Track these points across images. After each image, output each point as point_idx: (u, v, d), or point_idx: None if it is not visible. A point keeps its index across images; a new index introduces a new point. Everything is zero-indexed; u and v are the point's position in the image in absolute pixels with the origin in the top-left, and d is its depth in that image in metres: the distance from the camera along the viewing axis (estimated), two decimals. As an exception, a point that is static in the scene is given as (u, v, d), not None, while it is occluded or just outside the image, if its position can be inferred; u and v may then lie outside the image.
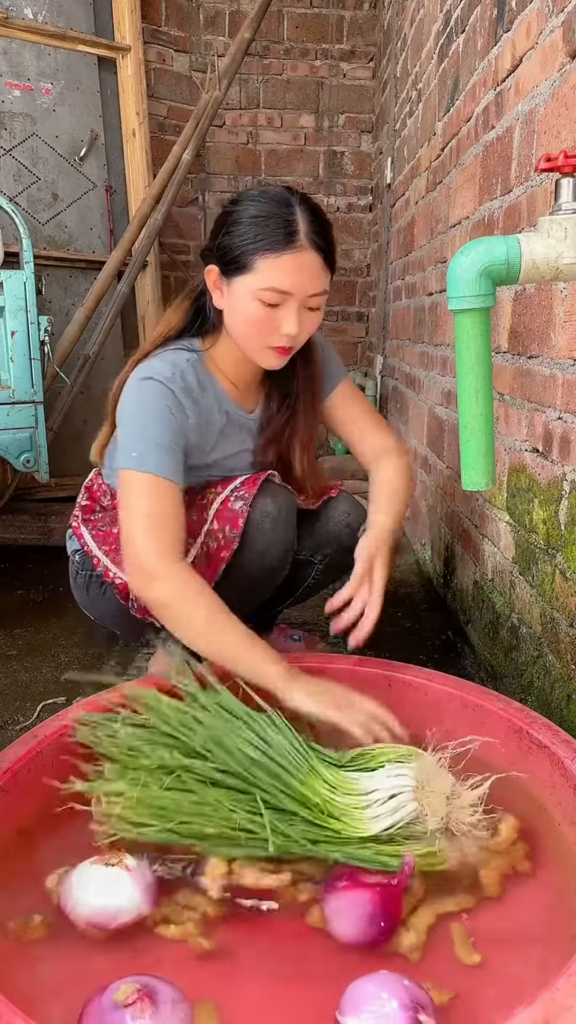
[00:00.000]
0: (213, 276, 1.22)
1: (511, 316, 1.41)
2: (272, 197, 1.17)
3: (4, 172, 2.95)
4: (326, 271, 1.19)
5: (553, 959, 0.72)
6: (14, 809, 0.96)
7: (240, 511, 1.31)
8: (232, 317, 1.23)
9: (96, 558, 1.43)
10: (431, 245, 2.26)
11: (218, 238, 1.20)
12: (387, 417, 3.35)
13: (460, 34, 1.81)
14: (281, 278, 1.15)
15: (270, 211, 1.15)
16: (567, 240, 0.86)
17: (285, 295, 1.16)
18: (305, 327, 1.21)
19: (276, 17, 3.69)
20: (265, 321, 1.18)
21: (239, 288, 1.18)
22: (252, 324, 1.20)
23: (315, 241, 1.16)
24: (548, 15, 1.18)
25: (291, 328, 1.18)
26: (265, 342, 1.22)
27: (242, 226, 1.16)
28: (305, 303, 1.18)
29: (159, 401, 1.22)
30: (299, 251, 1.14)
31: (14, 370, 2.18)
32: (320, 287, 1.19)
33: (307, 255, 1.15)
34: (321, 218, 1.19)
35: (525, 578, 1.35)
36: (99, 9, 3.10)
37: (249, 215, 1.16)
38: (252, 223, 1.16)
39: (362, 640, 1.22)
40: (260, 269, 1.15)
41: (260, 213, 1.16)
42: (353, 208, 3.98)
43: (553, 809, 0.98)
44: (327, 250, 1.18)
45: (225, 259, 1.19)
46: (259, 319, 1.19)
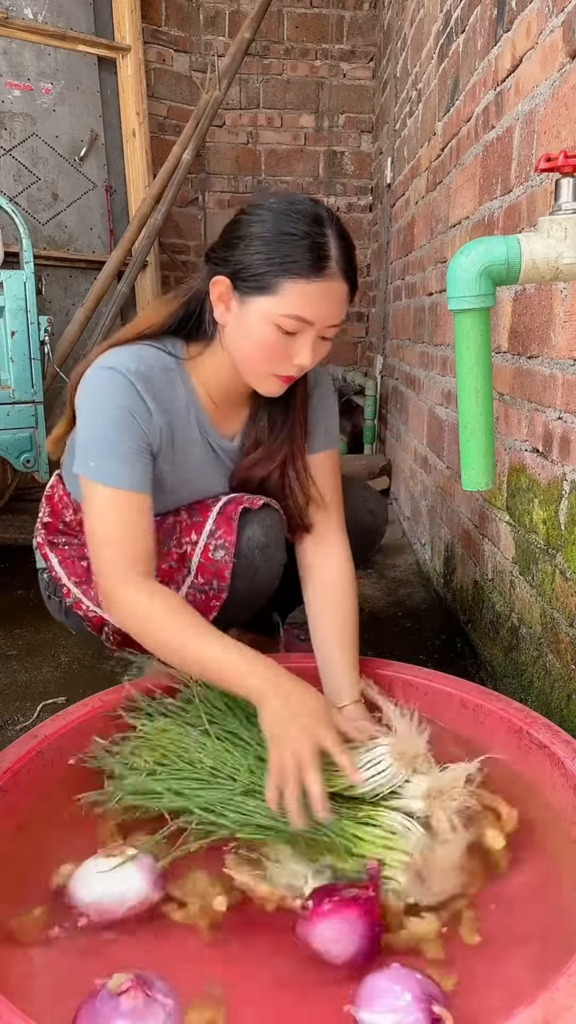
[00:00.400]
0: (220, 288, 1.09)
1: (511, 316, 1.41)
2: (303, 213, 1.04)
3: (4, 172, 2.95)
4: (348, 301, 1.10)
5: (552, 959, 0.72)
6: (14, 809, 0.96)
7: (224, 562, 1.23)
8: (237, 337, 1.11)
9: (66, 587, 1.36)
10: (431, 245, 2.26)
11: (235, 249, 1.07)
12: (387, 417, 3.36)
13: (460, 34, 1.81)
14: (306, 306, 1.04)
15: (301, 230, 1.03)
16: (567, 240, 0.86)
17: (306, 324, 1.05)
18: (316, 357, 1.11)
19: (276, 17, 3.69)
20: (278, 348, 1.08)
21: (254, 309, 1.06)
22: (262, 349, 1.09)
23: (345, 269, 1.06)
24: (548, 15, 1.18)
25: (304, 360, 1.08)
26: (271, 369, 1.11)
27: (267, 242, 1.04)
28: (322, 332, 1.08)
29: (119, 399, 1.10)
30: (329, 279, 1.04)
31: (14, 370, 2.18)
32: (341, 318, 1.09)
33: (336, 284, 1.05)
34: (349, 241, 1.08)
35: (525, 578, 1.35)
36: (99, 9, 3.11)
37: (276, 230, 1.04)
38: (279, 240, 1.03)
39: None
40: (284, 293, 1.03)
41: (290, 231, 1.03)
42: (353, 208, 3.98)
43: (553, 809, 0.98)
44: (354, 279, 1.08)
45: (242, 275, 1.06)
46: (272, 345, 1.07)
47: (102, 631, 1.37)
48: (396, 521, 2.88)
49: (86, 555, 1.30)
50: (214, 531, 1.24)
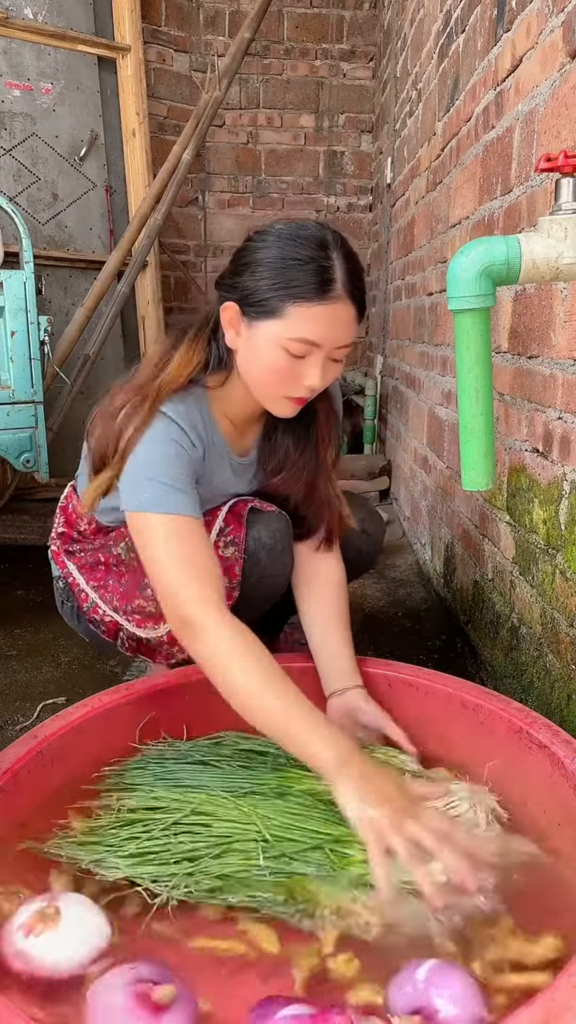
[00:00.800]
0: (230, 314, 1.11)
1: (511, 316, 1.41)
2: (308, 238, 1.06)
3: (4, 172, 2.95)
4: (356, 323, 1.09)
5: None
6: (14, 808, 0.96)
7: (234, 558, 1.25)
8: (249, 361, 1.12)
9: (84, 593, 1.36)
10: (431, 245, 2.26)
11: (242, 276, 1.09)
12: (387, 417, 3.36)
13: (460, 34, 1.81)
14: (313, 329, 1.05)
15: (306, 255, 1.04)
16: (567, 240, 0.86)
17: (314, 347, 1.06)
18: (327, 378, 1.12)
19: (276, 17, 3.69)
20: (287, 371, 1.09)
21: (262, 333, 1.08)
22: (272, 373, 1.10)
23: (352, 292, 1.06)
24: (548, 15, 1.18)
25: (314, 382, 1.09)
26: (282, 392, 1.12)
27: (272, 268, 1.05)
28: (331, 354, 1.09)
29: (176, 439, 1.12)
30: (334, 302, 1.04)
31: (14, 370, 2.18)
32: (350, 339, 1.10)
33: (342, 306, 1.05)
34: (358, 265, 1.09)
35: (525, 578, 1.35)
36: (99, 9, 3.11)
37: (282, 256, 1.05)
38: (285, 266, 1.04)
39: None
40: (290, 317, 1.05)
41: (295, 256, 1.04)
42: (353, 208, 3.98)
43: (553, 809, 0.98)
44: (362, 301, 1.09)
45: (249, 300, 1.08)
46: (281, 369, 1.09)
47: (117, 636, 1.37)
48: (396, 521, 2.88)
49: (102, 560, 1.33)
50: (223, 528, 1.26)
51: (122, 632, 1.35)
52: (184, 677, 1.24)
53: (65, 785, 1.04)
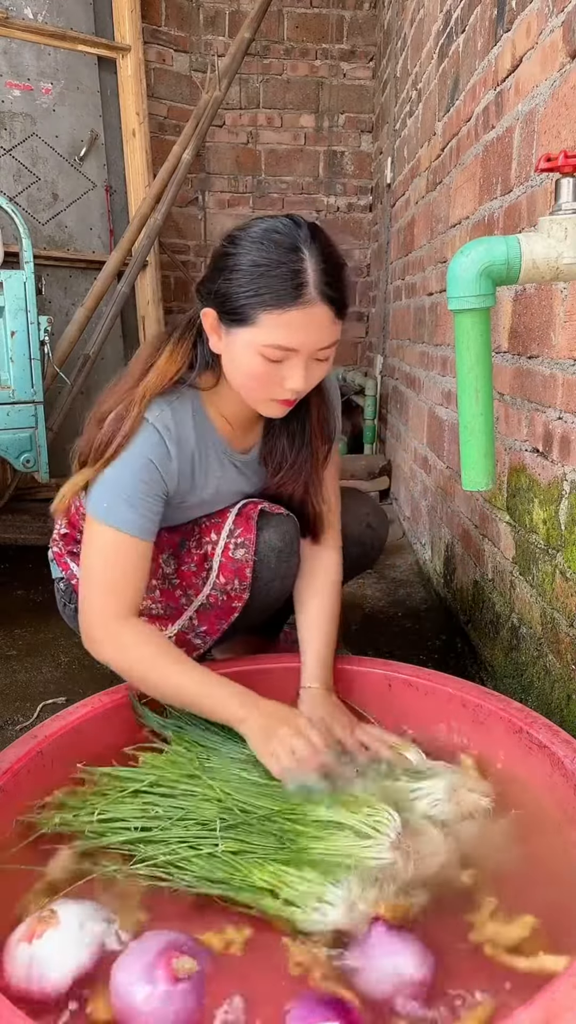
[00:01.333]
0: (210, 320, 1.10)
1: (511, 316, 1.41)
2: (277, 242, 1.03)
3: (4, 172, 2.95)
4: (337, 322, 1.07)
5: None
6: (14, 808, 0.96)
7: (245, 560, 1.26)
8: (231, 366, 1.12)
9: None
10: (431, 245, 2.26)
11: (215, 282, 1.07)
12: (387, 417, 3.36)
13: (460, 34, 1.81)
14: (287, 335, 1.03)
15: (275, 259, 1.02)
16: (567, 240, 0.86)
17: (290, 352, 1.05)
18: (312, 379, 1.10)
19: (276, 17, 3.69)
20: (267, 376, 1.08)
21: (238, 340, 1.07)
22: (252, 378, 1.09)
23: (326, 293, 1.03)
24: (548, 15, 1.18)
25: (297, 384, 1.08)
26: (268, 395, 1.11)
27: (243, 274, 1.03)
28: (313, 355, 1.07)
29: (149, 452, 1.13)
30: (307, 305, 1.02)
31: (14, 370, 2.18)
32: (330, 340, 1.07)
33: (316, 309, 1.03)
34: (334, 261, 1.06)
35: (525, 578, 1.35)
36: (99, 9, 3.11)
37: (251, 262, 1.03)
38: (255, 272, 1.02)
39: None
40: (262, 324, 1.03)
41: (264, 261, 1.02)
42: (353, 208, 3.98)
43: (553, 809, 0.98)
44: (339, 300, 1.06)
45: (224, 307, 1.07)
46: (261, 374, 1.08)
47: None
48: (396, 521, 2.88)
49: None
50: (233, 530, 1.27)
51: None
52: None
53: (65, 785, 1.04)
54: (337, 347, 1.11)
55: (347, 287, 1.08)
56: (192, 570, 1.30)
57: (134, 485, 1.13)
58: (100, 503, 1.13)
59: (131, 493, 1.12)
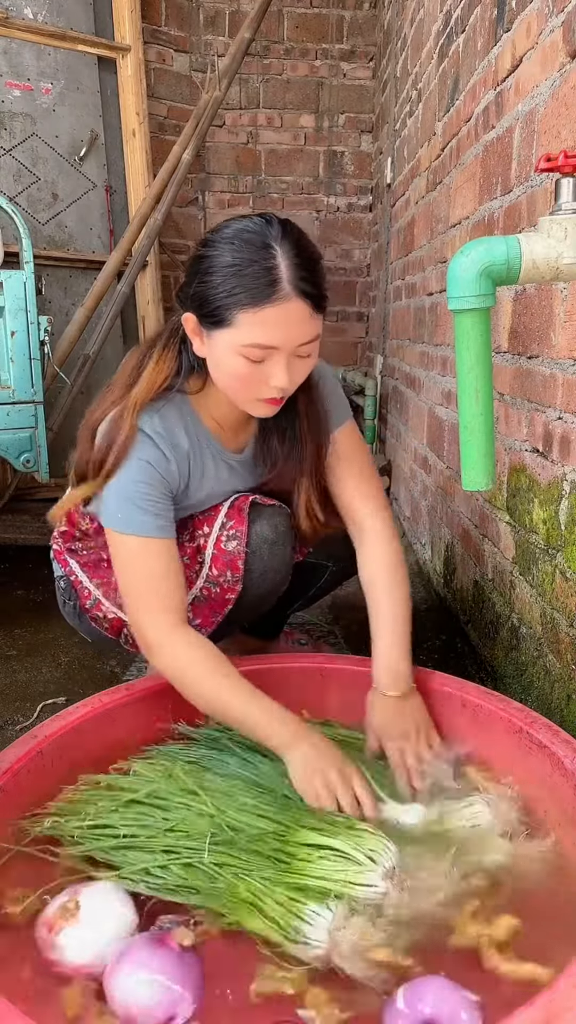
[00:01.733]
0: (191, 324, 1.11)
1: (511, 316, 1.41)
2: (248, 240, 1.03)
3: (4, 172, 2.95)
4: (316, 316, 1.06)
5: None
6: (14, 808, 0.96)
7: (237, 552, 1.26)
8: (215, 370, 1.12)
9: (87, 590, 1.38)
10: (431, 245, 2.26)
11: (192, 286, 1.08)
12: (387, 417, 3.36)
13: (460, 34, 1.81)
14: (264, 333, 1.03)
15: (247, 258, 1.02)
16: (567, 240, 0.86)
17: (270, 350, 1.05)
18: (296, 375, 1.10)
19: (276, 17, 3.69)
20: (251, 376, 1.08)
21: (219, 342, 1.07)
22: (236, 379, 1.09)
23: (300, 287, 1.02)
24: (548, 15, 1.18)
25: (280, 382, 1.07)
26: (253, 395, 1.11)
27: (217, 276, 1.04)
28: (295, 352, 1.07)
29: (147, 456, 1.15)
30: (282, 302, 1.02)
31: (14, 370, 2.18)
32: (310, 335, 1.07)
33: (292, 305, 1.02)
34: (308, 256, 1.06)
35: (525, 578, 1.35)
36: (99, 9, 3.11)
37: (224, 263, 1.04)
38: (228, 273, 1.03)
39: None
40: (239, 324, 1.03)
41: (236, 262, 1.03)
42: (353, 208, 3.98)
43: (553, 809, 0.98)
44: (316, 294, 1.05)
45: (202, 311, 1.07)
46: (243, 375, 1.08)
47: (120, 634, 1.38)
48: (396, 521, 2.88)
49: (104, 557, 1.33)
50: (225, 523, 1.27)
51: (126, 629, 1.36)
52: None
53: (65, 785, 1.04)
54: (320, 342, 1.10)
55: (323, 281, 1.07)
56: (185, 563, 1.30)
57: (141, 490, 1.14)
58: (115, 515, 1.15)
59: (140, 498, 1.14)
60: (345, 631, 1.94)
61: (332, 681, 1.28)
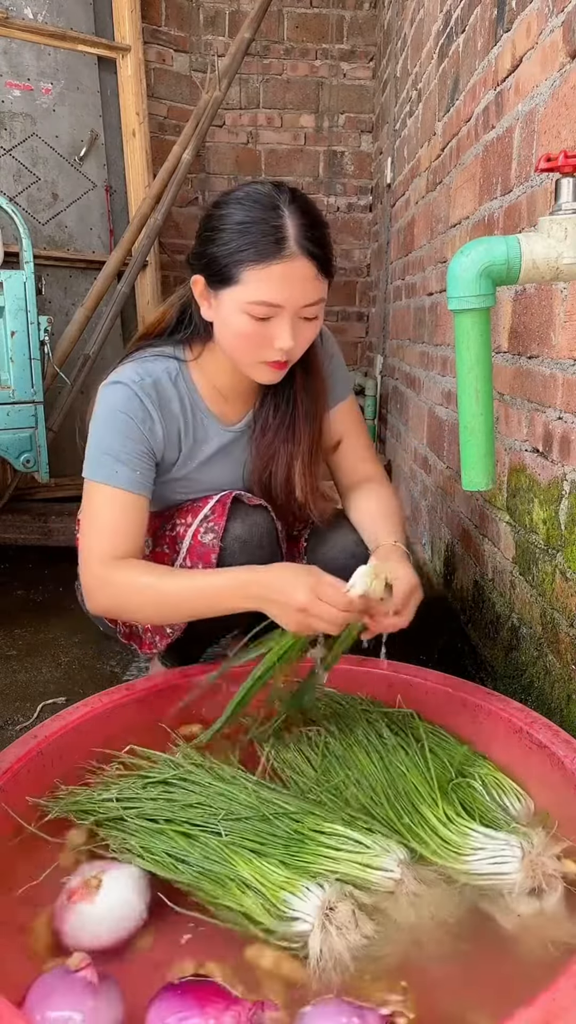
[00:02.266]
0: (199, 287, 1.14)
1: (511, 316, 1.41)
2: (257, 200, 1.07)
3: (4, 172, 2.95)
4: (321, 278, 1.09)
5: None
6: (14, 808, 0.96)
7: (212, 545, 1.25)
8: (221, 331, 1.15)
9: None
10: (431, 245, 2.25)
11: (202, 247, 1.12)
12: (387, 417, 3.36)
13: (460, 34, 1.81)
14: (270, 290, 1.05)
15: (255, 216, 1.05)
16: (567, 240, 0.86)
17: (276, 308, 1.07)
18: (301, 339, 1.12)
19: (276, 17, 3.69)
20: (256, 335, 1.10)
21: (226, 301, 1.10)
22: (243, 339, 1.11)
23: (306, 247, 1.05)
24: (548, 15, 1.18)
25: (285, 342, 1.09)
26: (258, 357, 1.13)
27: (225, 233, 1.07)
28: (300, 313, 1.09)
29: (121, 407, 1.17)
30: (289, 260, 1.04)
31: (14, 370, 2.18)
32: (315, 296, 1.09)
33: (298, 263, 1.05)
34: (314, 219, 1.08)
35: (525, 578, 1.35)
36: (99, 9, 3.10)
37: (233, 221, 1.06)
38: (236, 230, 1.06)
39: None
40: (246, 281, 1.06)
41: (245, 219, 1.05)
42: (353, 208, 3.98)
43: (553, 809, 0.98)
44: (321, 255, 1.08)
45: (209, 270, 1.10)
46: (250, 334, 1.10)
47: (116, 622, 1.39)
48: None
49: None
50: (208, 515, 1.27)
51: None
52: (183, 677, 1.24)
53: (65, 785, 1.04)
54: (324, 306, 1.13)
55: (329, 245, 1.10)
56: (165, 551, 1.30)
57: (113, 439, 1.17)
58: (88, 463, 1.18)
59: (112, 447, 1.16)
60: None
61: (332, 681, 1.28)
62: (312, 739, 1.12)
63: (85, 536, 1.18)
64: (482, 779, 1.00)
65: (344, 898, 0.81)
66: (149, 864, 0.88)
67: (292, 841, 0.89)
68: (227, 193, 1.12)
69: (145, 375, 1.19)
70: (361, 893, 0.83)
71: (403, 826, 0.93)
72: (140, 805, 0.96)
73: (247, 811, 0.94)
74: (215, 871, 0.86)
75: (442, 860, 0.88)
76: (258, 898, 0.82)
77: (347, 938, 0.77)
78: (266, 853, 0.87)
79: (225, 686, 1.18)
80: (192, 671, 1.26)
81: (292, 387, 1.27)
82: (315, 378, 1.29)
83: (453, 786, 0.99)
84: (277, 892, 0.82)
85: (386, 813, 0.95)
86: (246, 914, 0.82)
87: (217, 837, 0.90)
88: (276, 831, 0.91)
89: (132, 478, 1.17)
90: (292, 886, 0.82)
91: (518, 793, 0.99)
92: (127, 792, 0.99)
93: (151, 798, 0.97)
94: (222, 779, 1.01)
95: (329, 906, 0.79)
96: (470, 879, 0.86)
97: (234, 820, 0.93)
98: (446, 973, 0.76)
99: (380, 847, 0.88)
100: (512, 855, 0.86)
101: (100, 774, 1.04)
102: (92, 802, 0.97)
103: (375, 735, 1.10)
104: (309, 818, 0.92)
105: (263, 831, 0.91)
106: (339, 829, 0.90)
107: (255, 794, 0.97)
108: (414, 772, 1.00)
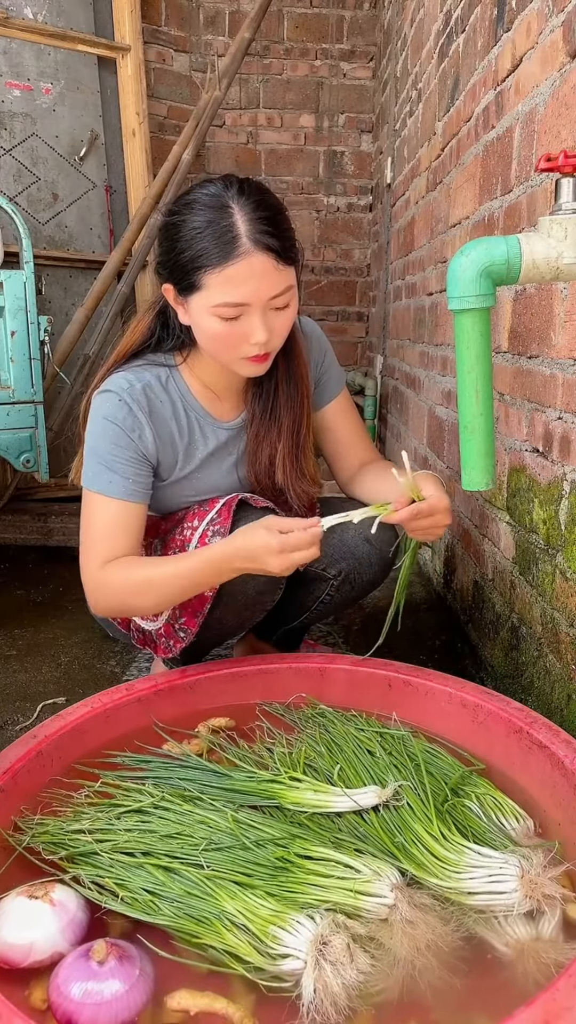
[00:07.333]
0: (171, 295, 1.15)
1: (511, 316, 1.41)
2: (206, 203, 1.07)
3: (4, 172, 2.95)
4: (283, 266, 1.08)
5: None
6: (14, 808, 0.96)
7: None
8: (198, 334, 1.17)
9: None
10: (431, 245, 2.25)
11: (162, 256, 1.14)
12: (387, 417, 3.36)
13: (460, 34, 1.81)
14: (233, 291, 1.06)
15: (206, 219, 1.06)
16: (567, 240, 0.86)
17: (242, 307, 1.08)
18: (277, 329, 1.13)
19: (276, 17, 3.69)
20: (230, 335, 1.11)
21: (194, 307, 1.11)
22: (218, 340, 1.13)
23: (261, 241, 1.05)
24: (548, 15, 1.18)
25: (259, 336, 1.10)
26: (237, 354, 1.14)
27: (181, 242, 1.08)
28: (268, 305, 1.09)
29: (109, 416, 1.19)
30: (244, 257, 1.05)
31: (14, 370, 2.18)
32: (280, 286, 1.09)
33: (255, 259, 1.05)
34: (266, 208, 1.07)
35: (525, 578, 1.35)
36: (99, 9, 3.10)
37: (187, 228, 1.07)
38: (189, 237, 1.07)
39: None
40: (208, 286, 1.07)
41: (197, 225, 1.06)
42: (353, 208, 3.98)
43: (553, 809, 0.98)
44: (278, 246, 1.07)
45: (175, 278, 1.12)
46: (223, 334, 1.11)
47: (128, 627, 1.41)
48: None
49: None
50: (214, 518, 1.28)
51: (132, 623, 1.41)
52: (183, 677, 1.24)
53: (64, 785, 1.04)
54: (296, 291, 1.14)
55: (286, 232, 1.10)
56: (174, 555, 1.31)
57: (106, 448, 1.19)
58: (84, 472, 1.22)
59: (105, 457, 1.19)
60: (345, 631, 1.94)
61: (332, 681, 1.28)
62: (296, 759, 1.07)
63: (82, 543, 1.22)
64: (479, 799, 0.97)
65: (337, 930, 0.75)
66: (122, 907, 0.82)
67: (278, 870, 0.85)
68: (179, 198, 1.12)
69: (135, 381, 1.22)
70: (354, 923, 0.78)
71: (395, 845, 0.89)
72: (114, 838, 0.91)
73: (229, 839, 0.89)
74: (197, 907, 0.81)
75: (437, 879, 0.83)
76: (244, 935, 0.77)
77: (343, 974, 0.71)
78: (251, 884, 0.83)
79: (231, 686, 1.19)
80: (192, 671, 1.26)
81: (275, 376, 1.29)
82: (297, 363, 1.30)
83: (449, 806, 0.95)
84: (265, 927, 0.76)
85: (377, 832, 0.92)
86: (232, 952, 0.76)
87: (199, 870, 0.85)
88: (260, 859, 0.86)
89: (124, 486, 1.19)
90: (281, 920, 0.77)
91: (517, 813, 0.96)
92: (100, 823, 0.93)
93: (126, 828, 0.92)
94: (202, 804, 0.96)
95: (323, 940, 0.74)
96: (466, 899, 0.82)
97: (215, 850, 0.88)
98: (443, 1004, 0.72)
99: (371, 871, 0.83)
100: (510, 874, 0.82)
101: (72, 801, 0.99)
102: (63, 833, 0.92)
103: (366, 753, 1.07)
104: (295, 843, 0.88)
105: (247, 859, 0.86)
106: (327, 853, 0.86)
107: (235, 821, 0.92)
108: (407, 792, 0.97)
